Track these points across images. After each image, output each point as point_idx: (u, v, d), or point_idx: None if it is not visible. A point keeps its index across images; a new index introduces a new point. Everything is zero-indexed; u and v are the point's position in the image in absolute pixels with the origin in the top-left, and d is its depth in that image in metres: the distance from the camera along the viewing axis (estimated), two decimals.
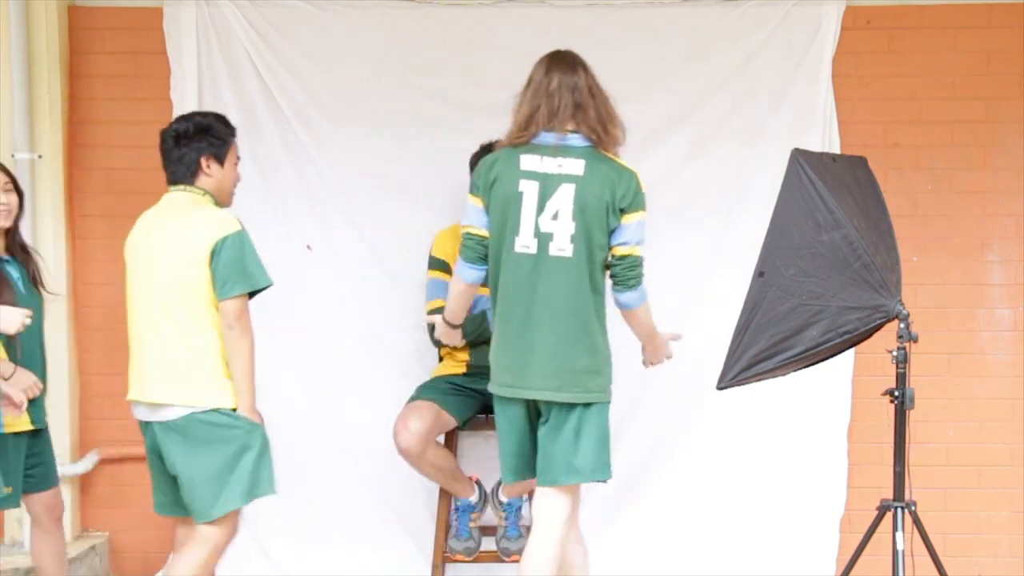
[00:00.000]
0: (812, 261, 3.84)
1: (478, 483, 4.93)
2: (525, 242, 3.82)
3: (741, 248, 5.02)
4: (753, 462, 5.22)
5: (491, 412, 4.93)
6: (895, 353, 3.96)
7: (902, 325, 3.90)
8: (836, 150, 5.12)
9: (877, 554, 4.17)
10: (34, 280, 4.23)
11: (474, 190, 3.94)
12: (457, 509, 4.88)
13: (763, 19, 5.18)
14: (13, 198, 4.17)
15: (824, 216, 3.83)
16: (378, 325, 5.26)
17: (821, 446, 5.20)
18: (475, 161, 4.87)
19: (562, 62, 3.99)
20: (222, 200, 4.08)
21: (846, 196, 3.93)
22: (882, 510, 4.07)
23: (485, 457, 5.23)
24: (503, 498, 4.89)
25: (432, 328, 4.88)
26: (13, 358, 4.04)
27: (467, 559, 4.89)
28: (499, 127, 5.02)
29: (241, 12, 5.18)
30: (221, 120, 4.14)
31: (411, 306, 5.09)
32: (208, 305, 3.90)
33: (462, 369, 4.89)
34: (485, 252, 3.92)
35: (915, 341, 3.93)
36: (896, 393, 3.99)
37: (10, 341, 4.01)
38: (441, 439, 4.87)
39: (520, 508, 4.88)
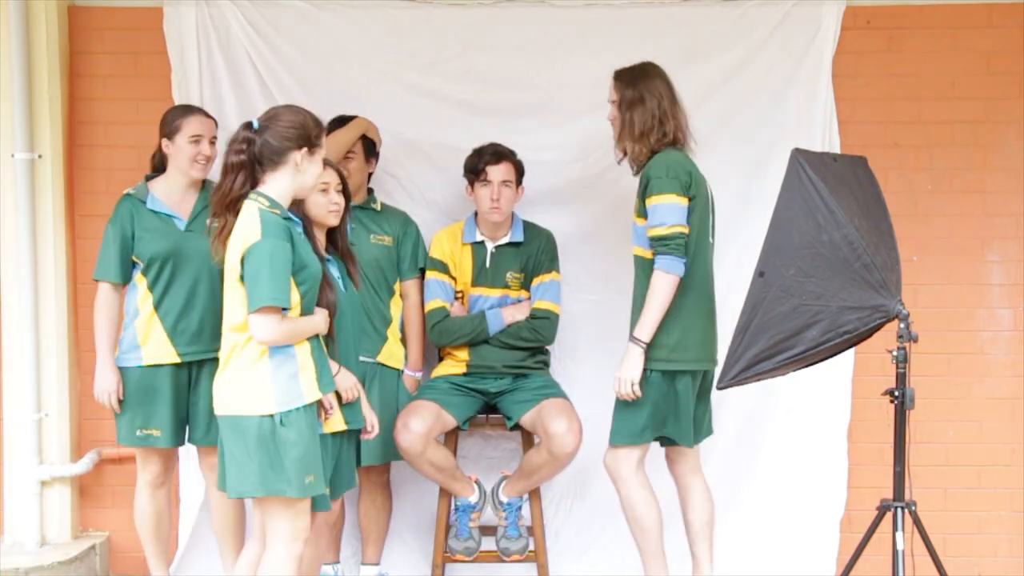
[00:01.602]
0: (812, 261, 3.83)
1: (478, 483, 4.94)
2: (713, 233, 4.53)
3: (741, 248, 5.03)
4: (753, 462, 5.22)
5: (491, 412, 4.96)
6: (895, 353, 3.96)
7: (902, 325, 3.90)
8: (836, 150, 5.11)
9: (877, 554, 4.17)
10: (352, 279, 4.23)
11: (682, 190, 4.37)
12: (457, 509, 4.89)
13: (763, 19, 5.17)
14: (342, 199, 4.17)
15: (824, 216, 3.83)
16: None
17: (821, 446, 5.19)
18: (471, 162, 4.87)
19: (664, 72, 4.57)
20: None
21: (847, 196, 3.93)
22: (882, 510, 4.07)
23: (485, 457, 5.23)
24: (503, 498, 4.90)
25: (432, 327, 4.90)
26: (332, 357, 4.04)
27: (467, 559, 4.89)
28: (499, 127, 5.07)
29: (241, 12, 5.18)
30: None
31: None
32: None
33: (462, 369, 4.89)
34: None
35: (915, 341, 3.93)
36: (896, 393, 3.99)
37: (329, 341, 4.00)
38: (441, 439, 4.87)
39: (520, 508, 4.89)
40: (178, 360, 4.55)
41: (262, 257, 3.66)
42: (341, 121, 4.87)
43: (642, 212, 4.46)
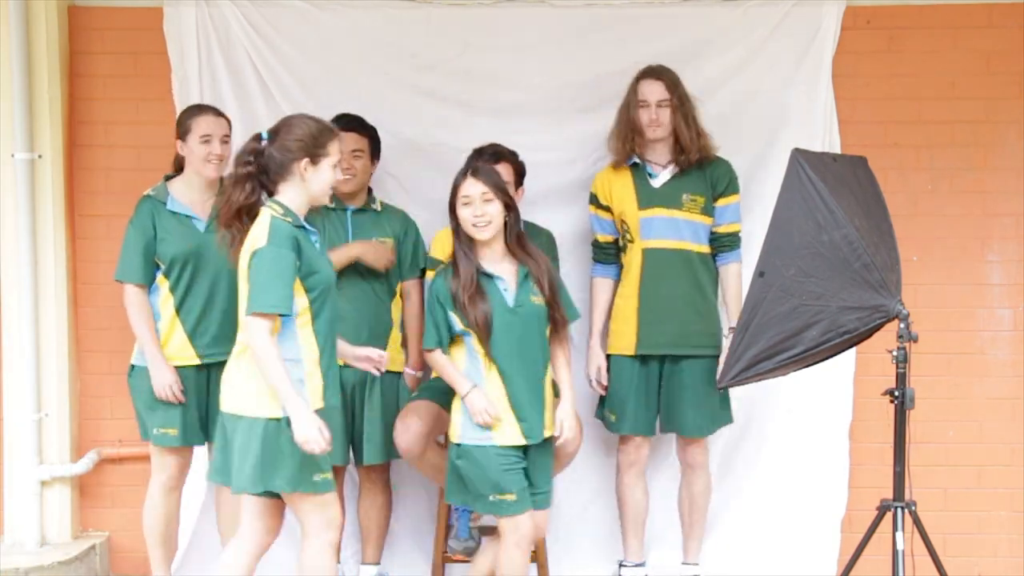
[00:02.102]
0: (812, 261, 3.84)
1: None
2: None
3: (741, 248, 5.03)
4: (753, 462, 5.21)
5: None
6: (895, 353, 3.96)
7: (902, 325, 3.91)
8: (836, 150, 5.11)
9: (877, 554, 4.17)
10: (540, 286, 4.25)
11: None
12: (457, 509, 4.88)
13: (763, 19, 5.17)
14: (494, 208, 4.17)
15: (824, 216, 3.83)
16: None
17: (822, 446, 5.19)
18: (470, 163, 4.86)
19: None
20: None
21: (847, 196, 3.93)
22: (882, 510, 4.07)
23: None
24: None
25: None
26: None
27: (467, 559, 4.89)
28: (499, 127, 5.07)
29: (241, 12, 5.18)
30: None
31: None
32: None
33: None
34: None
35: (915, 341, 3.93)
36: (896, 393, 3.99)
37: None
38: (441, 439, 4.87)
39: None
40: (198, 362, 4.58)
41: (263, 263, 3.73)
42: (344, 119, 4.86)
43: (708, 209, 4.73)
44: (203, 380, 4.62)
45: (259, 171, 3.85)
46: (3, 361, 5.21)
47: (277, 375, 3.70)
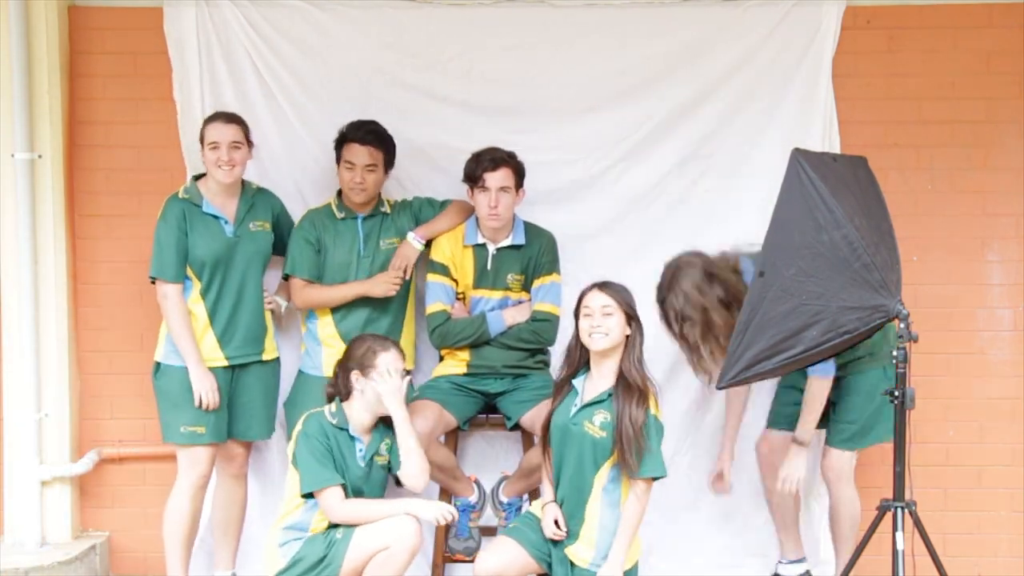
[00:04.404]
0: (812, 261, 3.83)
1: (477, 483, 4.94)
2: None
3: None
4: (754, 462, 5.21)
5: (491, 412, 4.96)
6: (895, 353, 3.96)
7: (902, 325, 3.91)
8: (836, 150, 5.11)
9: (877, 554, 4.17)
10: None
11: None
12: (457, 509, 4.88)
13: (763, 19, 5.17)
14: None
15: (824, 216, 3.83)
16: None
17: (822, 446, 5.18)
18: (469, 168, 4.85)
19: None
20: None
21: (847, 195, 3.93)
22: (882, 510, 4.07)
23: (485, 457, 5.23)
24: (503, 498, 4.90)
25: (433, 330, 4.89)
26: None
27: (467, 559, 4.89)
28: (499, 127, 5.07)
29: (241, 12, 5.18)
30: None
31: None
32: None
33: (463, 369, 4.89)
34: None
35: (915, 341, 3.93)
36: (896, 393, 3.99)
37: None
38: (441, 438, 4.87)
39: (520, 508, 4.89)
40: (226, 363, 4.64)
41: (299, 449, 4.31)
42: (363, 131, 4.85)
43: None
44: (228, 378, 4.69)
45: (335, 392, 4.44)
46: (3, 361, 5.21)
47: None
